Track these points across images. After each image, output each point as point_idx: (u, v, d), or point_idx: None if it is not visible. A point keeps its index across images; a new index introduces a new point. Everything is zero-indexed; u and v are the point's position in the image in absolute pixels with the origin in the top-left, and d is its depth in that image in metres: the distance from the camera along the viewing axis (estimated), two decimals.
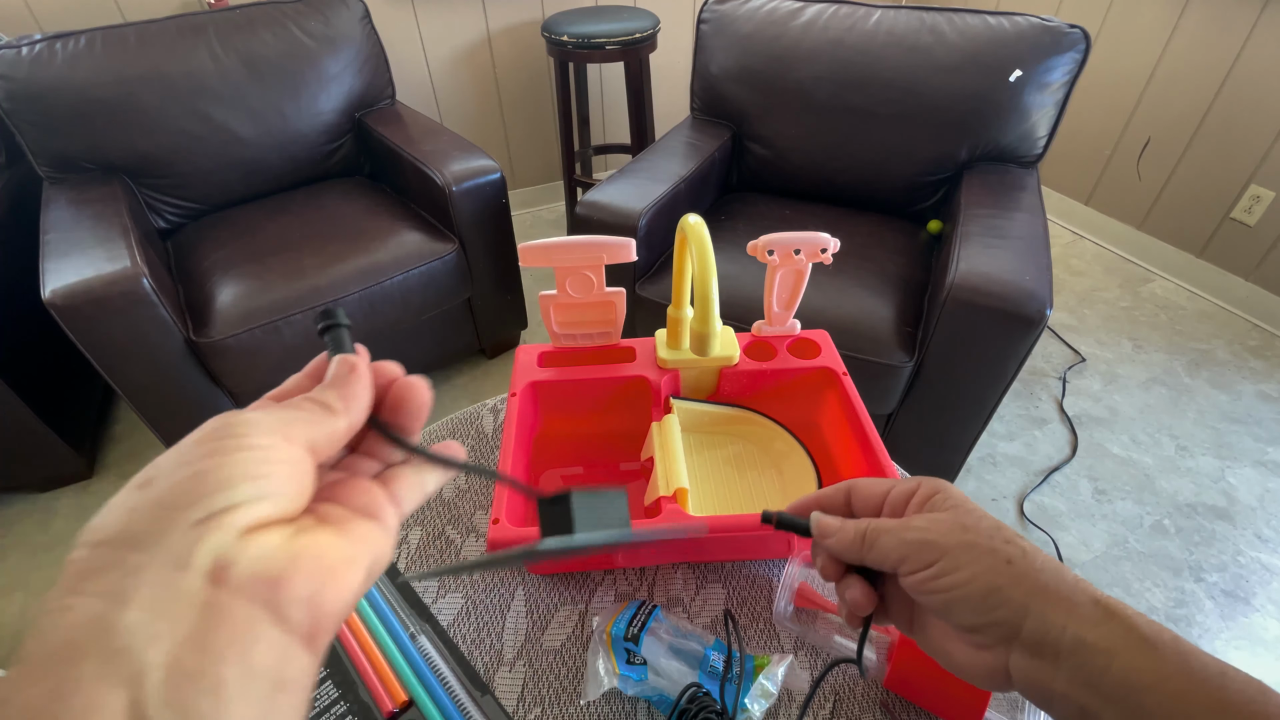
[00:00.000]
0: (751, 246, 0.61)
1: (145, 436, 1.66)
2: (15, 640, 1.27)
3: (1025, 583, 0.26)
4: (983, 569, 0.27)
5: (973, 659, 0.28)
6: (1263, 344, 1.88)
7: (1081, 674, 0.25)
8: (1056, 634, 0.25)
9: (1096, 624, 0.25)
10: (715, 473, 0.64)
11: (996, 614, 0.26)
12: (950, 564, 0.28)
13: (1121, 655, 0.24)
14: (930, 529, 0.29)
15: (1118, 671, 0.24)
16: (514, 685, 0.51)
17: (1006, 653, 0.27)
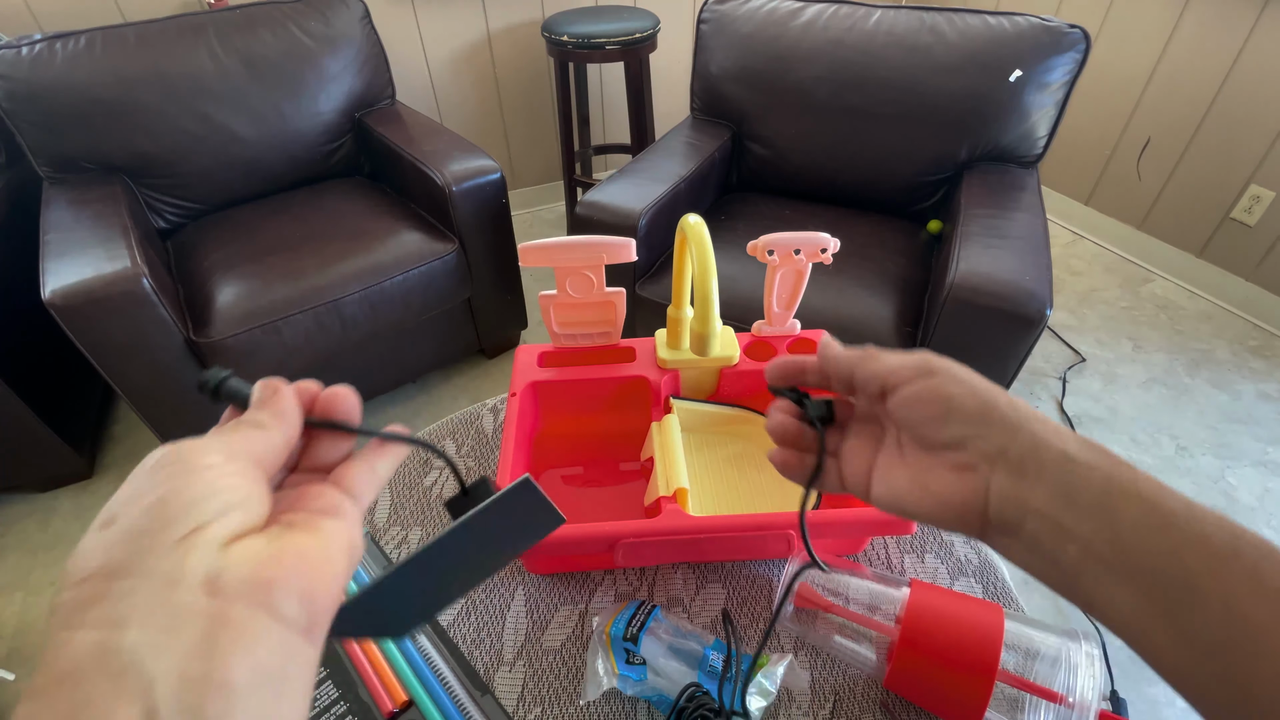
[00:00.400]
0: (751, 246, 0.61)
1: (145, 436, 1.66)
2: (15, 640, 1.27)
3: (1020, 409, 0.27)
4: (981, 388, 0.28)
5: (953, 485, 0.28)
6: (1263, 344, 1.88)
7: (1061, 487, 0.25)
8: (1044, 450, 0.26)
9: (1082, 446, 0.26)
10: (715, 473, 0.64)
11: (991, 428, 0.27)
12: (948, 378, 0.28)
13: (1100, 468, 0.25)
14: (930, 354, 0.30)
15: (1097, 484, 0.24)
16: (514, 685, 0.51)
17: (989, 473, 0.27)
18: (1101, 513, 0.24)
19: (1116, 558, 0.23)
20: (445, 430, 0.72)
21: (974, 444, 0.27)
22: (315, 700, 0.50)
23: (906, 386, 0.29)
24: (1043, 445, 0.26)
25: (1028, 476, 0.26)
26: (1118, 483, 0.24)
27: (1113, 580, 0.23)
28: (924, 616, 0.46)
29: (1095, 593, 0.24)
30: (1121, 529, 0.23)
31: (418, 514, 0.64)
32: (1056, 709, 0.40)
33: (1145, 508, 0.23)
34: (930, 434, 0.29)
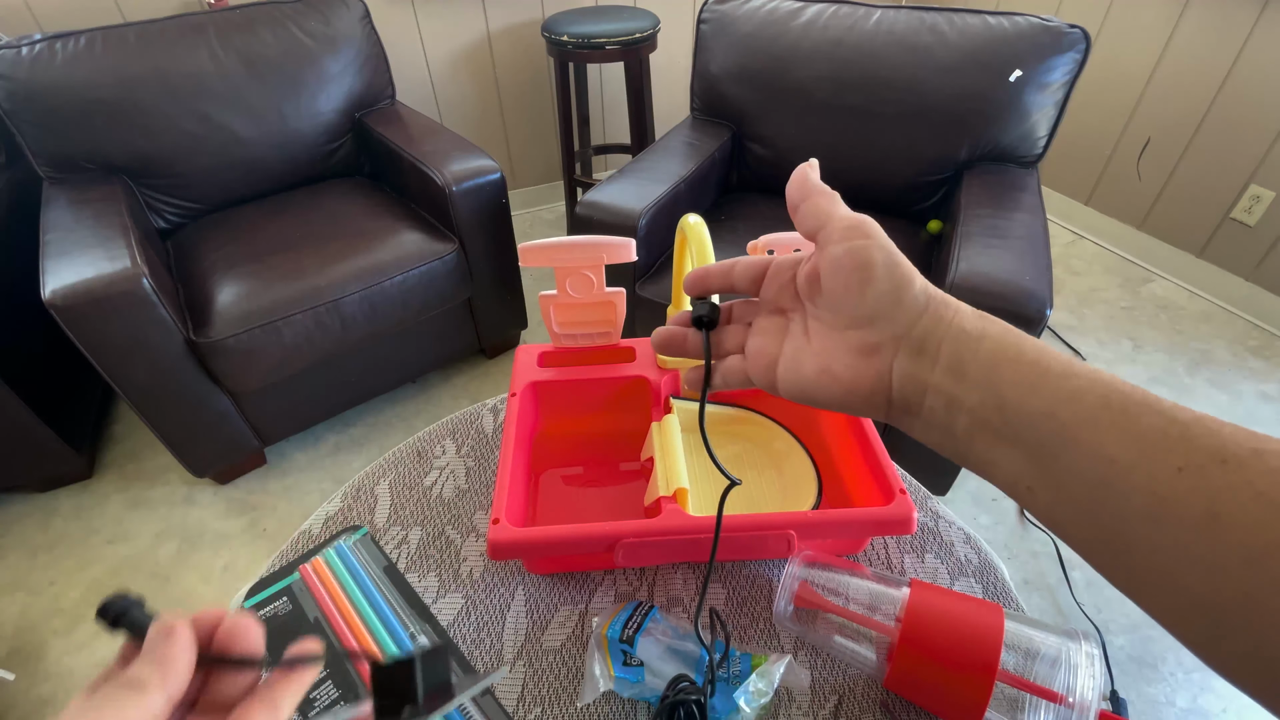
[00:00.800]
0: (751, 246, 0.61)
1: (145, 436, 1.66)
2: (15, 640, 1.27)
3: (929, 293, 0.28)
4: (902, 267, 0.28)
5: (859, 369, 0.28)
6: (1263, 344, 1.88)
7: (955, 362, 0.26)
8: (943, 330, 0.26)
9: (974, 319, 0.27)
10: (715, 473, 0.64)
11: (900, 309, 0.27)
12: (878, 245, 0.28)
13: (990, 338, 0.26)
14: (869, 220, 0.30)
15: (985, 353, 0.25)
16: (514, 685, 0.51)
17: (892, 355, 0.27)
18: (988, 382, 0.25)
19: (1001, 422, 0.25)
20: (445, 430, 0.72)
21: (881, 324, 0.28)
22: (315, 700, 0.50)
23: (840, 244, 0.29)
24: (942, 323, 0.27)
25: (926, 355, 0.27)
26: (1004, 349, 0.25)
27: (999, 443, 0.25)
28: (924, 616, 0.46)
29: (985, 456, 0.26)
30: (1005, 394, 0.24)
31: (418, 514, 0.64)
32: (1056, 709, 0.40)
33: (1026, 371, 0.24)
34: (844, 304, 0.29)
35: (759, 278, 0.33)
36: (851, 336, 0.29)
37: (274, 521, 1.47)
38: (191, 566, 1.39)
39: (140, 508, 1.51)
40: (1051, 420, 0.23)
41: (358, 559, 0.59)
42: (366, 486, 0.67)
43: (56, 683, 1.21)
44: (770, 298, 0.33)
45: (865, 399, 0.29)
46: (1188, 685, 1.16)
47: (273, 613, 0.55)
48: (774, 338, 0.32)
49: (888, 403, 0.28)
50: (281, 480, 1.56)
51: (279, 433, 1.54)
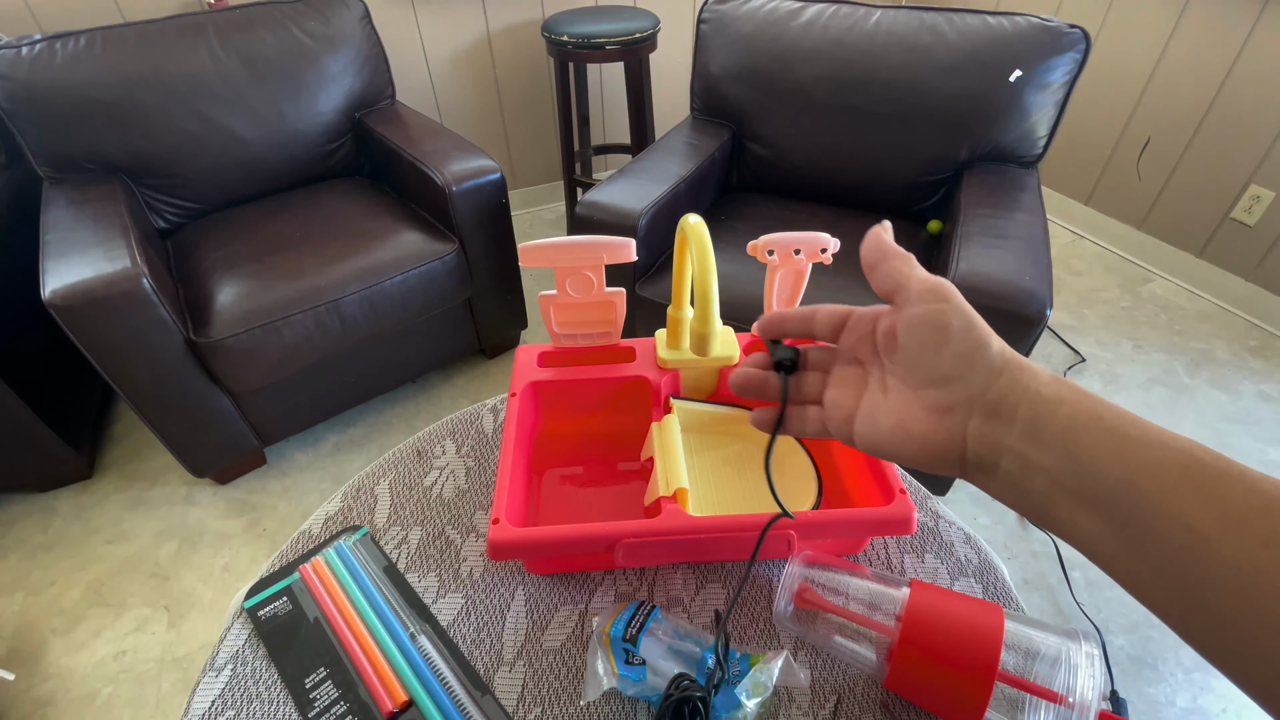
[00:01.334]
0: (751, 246, 0.61)
1: (145, 436, 1.66)
2: (15, 640, 1.27)
3: (1005, 355, 0.28)
4: (980, 329, 0.29)
5: (934, 427, 0.29)
6: (1263, 344, 1.88)
7: (1031, 425, 0.26)
8: (1019, 393, 0.27)
9: (1051, 384, 0.27)
10: (715, 473, 0.64)
11: (976, 370, 0.28)
12: (956, 309, 0.29)
13: (1068, 404, 0.26)
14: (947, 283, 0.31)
15: (1063, 418, 0.26)
16: (514, 685, 0.51)
17: (967, 416, 0.28)
18: (1065, 447, 0.25)
19: (1079, 487, 0.25)
20: (445, 430, 0.72)
21: (956, 385, 0.28)
22: (314, 700, 0.50)
23: (918, 305, 0.30)
24: (1018, 387, 0.27)
25: (1002, 418, 0.27)
26: (1082, 416, 0.25)
27: (1077, 508, 0.25)
28: (924, 616, 0.46)
29: (1064, 520, 0.26)
30: (1083, 460, 0.25)
31: (418, 514, 0.64)
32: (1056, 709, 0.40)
33: (1104, 438, 0.25)
34: (921, 364, 0.29)
35: (839, 327, 0.34)
36: (927, 395, 0.29)
37: (274, 521, 1.47)
38: (191, 566, 1.39)
39: (140, 508, 1.51)
40: (1132, 489, 0.23)
41: (358, 559, 0.59)
42: (366, 486, 0.67)
43: (56, 683, 1.21)
44: (848, 348, 0.34)
45: (939, 456, 0.29)
46: (1188, 685, 1.16)
47: (273, 613, 0.55)
48: (852, 390, 0.33)
49: (962, 461, 0.29)
50: (281, 480, 1.56)
51: (279, 433, 1.54)
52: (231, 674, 0.52)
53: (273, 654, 0.53)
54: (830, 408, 0.34)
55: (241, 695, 0.51)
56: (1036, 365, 0.28)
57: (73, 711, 1.17)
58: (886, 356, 0.31)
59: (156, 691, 1.19)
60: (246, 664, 0.53)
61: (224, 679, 0.52)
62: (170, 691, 1.19)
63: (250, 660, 0.53)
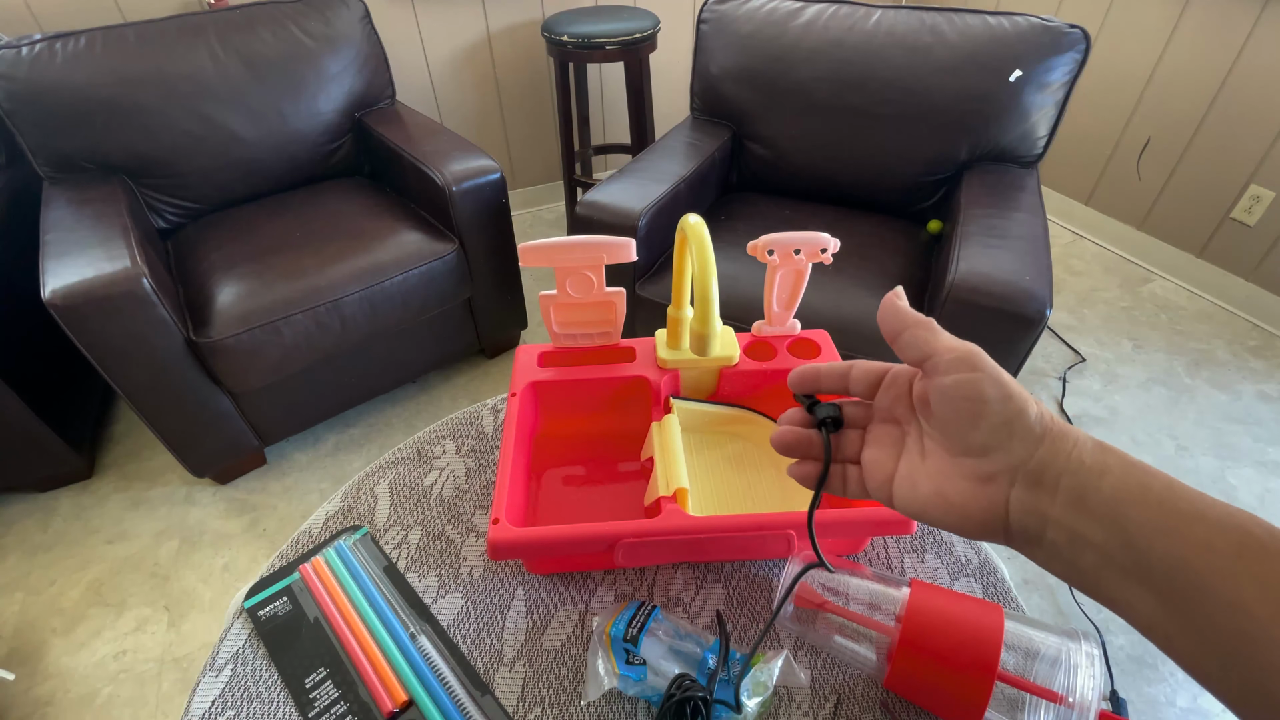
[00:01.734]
0: (751, 246, 0.61)
1: (145, 436, 1.66)
2: (15, 640, 1.27)
3: (1044, 420, 0.27)
4: (1016, 395, 0.28)
5: (974, 496, 0.28)
6: (1263, 344, 1.88)
7: (1076, 496, 0.25)
8: (1061, 461, 0.26)
9: (1094, 452, 0.26)
10: (715, 473, 0.64)
11: (1016, 439, 0.27)
12: (989, 378, 0.28)
13: (1113, 474, 0.25)
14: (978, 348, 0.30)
15: (1108, 490, 0.25)
16: (514, 685, 0.51)
17: (1009, 485, 0.27)
18: (1113, 520, 0.25)
19: (1130, 563, 0.24)
20: (445, 430, 0.72)
21: (996, 455, 0.28)
22: (315, 700, 0.50)
23: (948, 375, 0.29)
24: (1060, 455, 0.26)
25: (1044, 487, 0.26)
26: (1128, 488, 0.25)
27: (1129, 584, 0.24)
28: (924, 616, 0.46)
29: (1115, 595, 0.25)
30: (1133, 535, 0.24)
31: (418, 514, 0.64)
32: (1056, 709, 0.40)
33: (1153, 512, 0.24)
34: (957, 434, 0.29)
35: (875, 384, 0.33)
36: (966, 464, 0.29)
37: (274, 521, 1.47)
38: (191, 566, 1.39)
39: (140, 507, 1.51)
40: (1185, 568, 0.23)
41: (358, 559, 0.59)
42: (366, 486, 0.67)
43: (56, 683, 1.21)
44: (885, 406, 0.33)
45: (981, 525, 0.28)
46: (1188, 685, 1.16)
47: (273, 613, 0.55)
48: (890, 451, 0.32)
49: (1006, 531, 0.28)
50: (281, 480, 1.56)
51: (279, 433, 1.54)
52: (231, 674, 0.52)
53: (273, 654, 0.53)
54: (869, 468, 0.33)
55: (241, 695, 0.51)
56: (1077, 430, 0.27)
57: (73, 711, 1.17)
58: (924, 418, 0.31)
59: (156, 691, 1.19)
60: (246, 664, 0.53)
61: (224, 679, 0.52)
62: (170, 691, 1.19)
63: (250, 660, 0.53)
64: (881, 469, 0.32)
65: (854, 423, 0.35)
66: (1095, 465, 0.26)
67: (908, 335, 0.31)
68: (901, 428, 0.32)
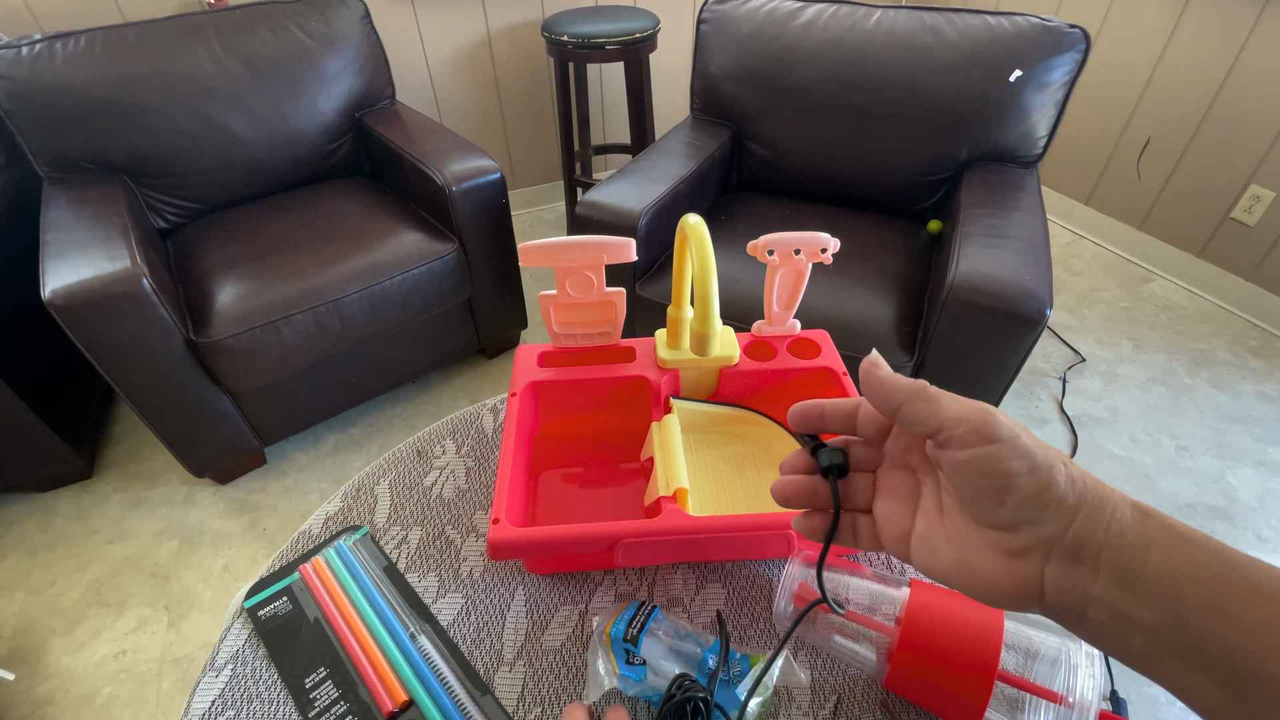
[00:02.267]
0: (751, 246, 0.61)
1: (145, 436, 1.66)
2: (15, 640, 1.27)
3: (1077, 485, 0.25)
4: (1043, 462, 0.25)
5: (1003, 571, 0.26)
6: (1263, 344, 1.88)
7: (1119, 574, 0.23)
8: (1100, 535, 0.24)
9: (1135, 521, 0.24)
10: (715, 473, 0.64)
11: (1047, 511, 0.25)
12: (1010, 449, 0.25)
13: (1158, 548, 0.23)
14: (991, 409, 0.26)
15: (1154, 567, 0.23)
16: (514, 685, 0.51)
17: (1043, 561, 0.25)
18: (1163, 601, 0.23)
19: (1186, 647, 0.22)
20: (445, 430, 0.72)
21: (1026, 530, 0.25)
22: (314, 700, 0.50)
23: (962, 450, 0.26)
24: (1098, 528, 0.24)
25: (1084, 563, 0.24)
26: (1178, 565, 0.23)
27: (1186, 669, 0.23)
28: (924, 616, 0.46)
29: (1169, 678, 0.23)
30: (1187, 618, 0.22)
31: (418, 514, 0.64)
32: (1056, 709, 0.40)
33: (1208, 593, 0.22)
34: (980, 510, 0.26)
35: (886, 428, 0.30)
36: (992, 536, 0.26)
37: (274, 521, 1.47)
38: (191, 566, 1.39)
39: (140, 508, 1.51)
40: (1246, 654, 0.21)
41: (358, 559, 0.59)
42: (366, 486, 0.67)
43: (56, 683, 1.21)
44: (897, 453, 0.31)
45: (1013, 600, 0.26)
46: None
47: (273, 613, 0.55)
48: (904, 505, 0.30)
49: (1041, 605, 0.26)
50: (281, 480, 1.56)
51: (279, 433, 1.54)
52: (231, 674, 0.52)
53: (273, 654, 0.53)
54: (882, 523, 0.30)
55: (241, 695, 0.51)
56: (1114, 493, 0.25)
57: (73, 711, 1.17)
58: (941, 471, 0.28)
59: (156, 691, 1.19)
60: (246, 664, 0.53)
61: (224, 679, 0.52)
62: (170, 691, 1.19)
63: (250, 660, 0.53)
64: (896, 525, 0.30)
65: (862, 465, 0.32)
66: (1138, 539, 0.24)
67: (906, 411, 0.28)
68: (916, 476, 0.30)
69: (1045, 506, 0.25)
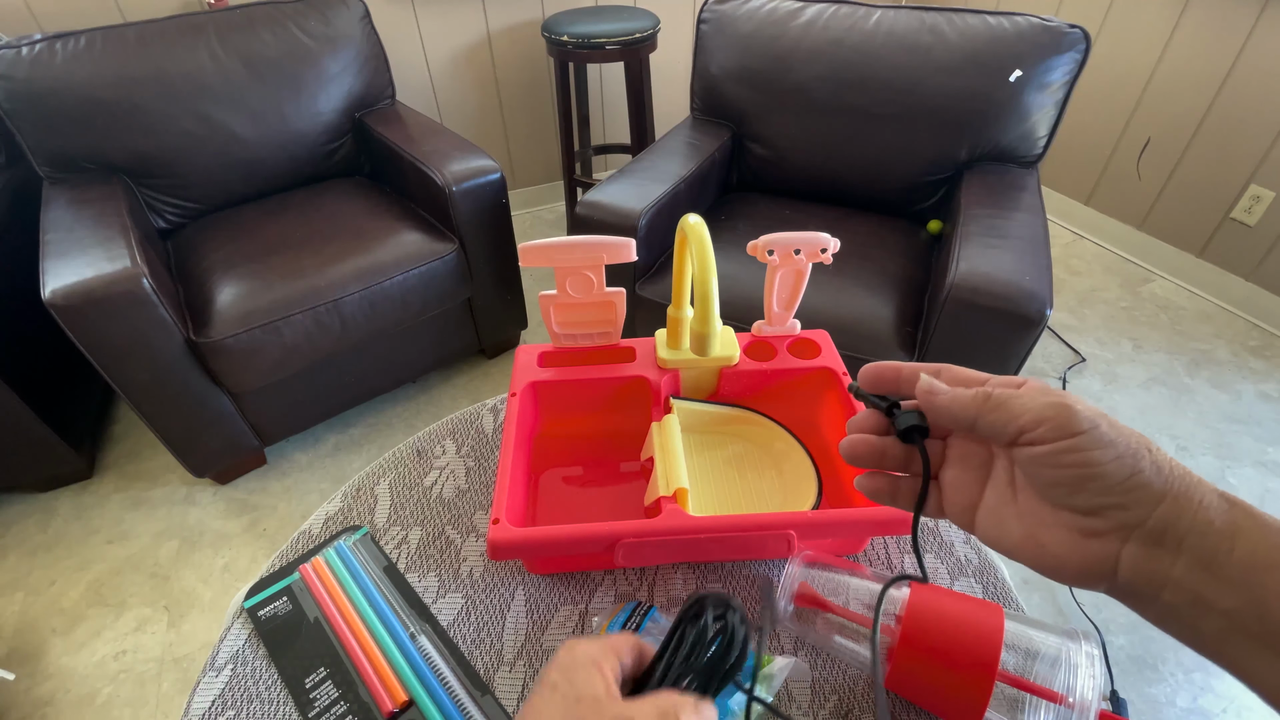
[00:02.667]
0: (751, 246, 0.61)
1: (145, 436, 1.66)
2: (15, 640, 1.27)
3: (1164, 471, 0.25)
4: (1127, 450, 0.25)
5: (1075, 548, 0.26)
6: (1263, 344, 1.88)
7: (1202, 559, 0.24)
8: (1186, 521, 0.24)
9: (1223, 510, 0.24)
10: (715, 473, 0.64)
11: (1132, 496, 0.25)
12: (1093, 439, 0.25)
13: (1245, 537, 0.23)
14: (1070, 397, 0.26)
15: (1240, 553, 0.23)
16: (514, 685, 0.51)
17: (1121, 543, 0.25)
18: (1246, 587, 0.23)
19: (1263, 631, 0.23)
20: (445, 430, 0.72)
21: (1110, 514, 0.25)
22: (314, 700, 0.50)
23: (1043, 445, 0.26)
24: (1185, 515, 0.24)
25: (1165, 548, 0.24)
26: (1264, 552, 0.23)
27: (1260, 652, 0.23)
28: (924, 616, 0.46)
29: (1244, 663, 0.24)
30: (1270, 605, 0.23)
31: (418, 514, 0.64)
32: (1056, 709, 0.40)
33: None
34: (1058, 496, 0.26)
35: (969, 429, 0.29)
36: (1068, 517, 0.26)
37: (274, 521, 1.47)
38: (191, 566, 1.39)
39: (140, 508, 1.51)
40: None
41: (358, 559, 0.59)
42: (366, 486, 0.67)
43: (56, 683, 1.21)
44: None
45: (1080, 576, 0.26)
46: (1188, 685, 1.16)
47: (273, 613, 0.55)
48: (975, 475, 0.29)
49: (1110, 585, 0.26)
50: (281, 480, 1.56)
51: (279, 433, 1.54)
52: (231, 674, 0.52)
53: (273, 654, 0.53)
54: (949, 491, 0.30)
55: (241, 695, 0.51)
56: (1201, 482, 0.25)
57: (73, 711, 1.17)
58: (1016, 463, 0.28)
59: (156, 691, 1.19)
60: (246, 664, 0.53)
61: (224, 679, 0.52)
62: (170, 691, 1.19)
63: (250, 660, 0.53)
64: (964, 494, 0.29)
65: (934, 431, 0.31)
66: (1226, 527, 0.24)
67: (982, 425, 0.27)
68: (989, 447, 0.29)
69: (1130, 492, 0.25)
